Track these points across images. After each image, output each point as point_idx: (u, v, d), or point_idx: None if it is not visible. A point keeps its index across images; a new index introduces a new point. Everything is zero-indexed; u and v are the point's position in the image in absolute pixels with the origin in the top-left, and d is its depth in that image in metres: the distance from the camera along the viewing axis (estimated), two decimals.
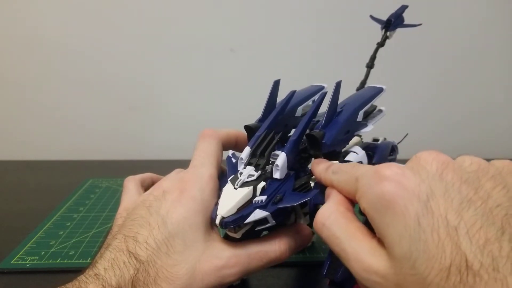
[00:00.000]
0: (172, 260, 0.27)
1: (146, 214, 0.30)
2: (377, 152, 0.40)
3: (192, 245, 0.28)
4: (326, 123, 0.32)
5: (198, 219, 0.29)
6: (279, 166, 0.29)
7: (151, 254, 0.27)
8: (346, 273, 0.32)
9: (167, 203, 0.30)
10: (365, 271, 0.21)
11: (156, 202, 0.30)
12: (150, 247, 0.27)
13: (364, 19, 0.50)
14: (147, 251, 0.27)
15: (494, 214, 0.19)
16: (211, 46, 0.85)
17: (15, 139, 0.88)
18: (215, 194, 0.31)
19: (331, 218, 0.24)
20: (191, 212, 0.29)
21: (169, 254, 0.27)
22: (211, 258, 0.28)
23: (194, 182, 0.31)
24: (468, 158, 0.23)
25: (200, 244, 0.28)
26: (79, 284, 0.26)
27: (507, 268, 0.17)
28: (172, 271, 0.27)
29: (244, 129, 0.35)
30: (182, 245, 0.28)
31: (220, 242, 0.29)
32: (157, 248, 0.27)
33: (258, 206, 0.27)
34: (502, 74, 0.91)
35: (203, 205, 0.30)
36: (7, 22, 0.81)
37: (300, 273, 0.43)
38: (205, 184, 0.31)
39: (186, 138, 0.37)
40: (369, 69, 0.45)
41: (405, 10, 0.47)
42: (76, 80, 0.85)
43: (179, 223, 0.28)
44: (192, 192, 0.30)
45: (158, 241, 0.28)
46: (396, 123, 0.64)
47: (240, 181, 0.28)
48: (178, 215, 0.29)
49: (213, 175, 0.32)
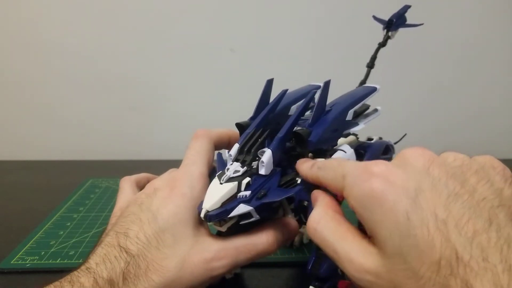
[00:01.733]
0: (162, 253, 0.28)
1: (137, 211, 0.31)
2: (369, 151, 0.40)
3: (182, 239, 0.29)
4: (313, 122, 0.33)
5: (188, 215, 0.30)
6: (265, 163, 0.30)
7: (141, 248, 0.28)
8: (330, 269, 0.33)
9: (158, 200, 0.31)
10: (357, 271, 0.21)
11: (148, 199, 0.32)
12: (141, 241, 0.28)
13: (364, 19, 0.50)
14: (138, 245, 0.28)
15: (480, 206, 0.20)
16: (211, 46, 0.85)
17: (15, 139, 0.88)
18: (205, 191, 0.31)
19: (321, 222, 0.25)
20: (181, 208, 0.30)
21: (159, 248, 0.28)
22: (200, 251, 0.29)
23: (185, 180, 0.32)
24: (451, 154, 0.23)
25: (190, 239, 0.29)
26: (71, 277, 0.27)
27: (496, 258, 0.18)
28: (162, 264, 0.28)
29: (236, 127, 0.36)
30: (172, 239, 0.29)
31: (209, 236, 0.30)
32: (147, 242, 0.28)
33: (242, 200, 0.28)
34: (503, 74, 0.91)
35: (193, 202, 0.31)
36: (7, 22, 0.81)
37: (300, 273, 0.43)
38: (195, 181, 0.32)
39: (186, 138, 0.38)
40: (369, 69, 0.46)
41: (407, 10, 0.47)
42: (76, 80, 0.85)
43: (169, 218, 0.29)
44: (182, 189, 0.31)
45: (148, 235, 0.29)
46: (396, 123, 0.64)
47: (226, 176, 0.29)
48: (168, 211, 0.30)
49: (204, 173, 0.33)
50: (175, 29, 0.84)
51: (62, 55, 0.83)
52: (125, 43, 0.84)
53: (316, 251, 0.34)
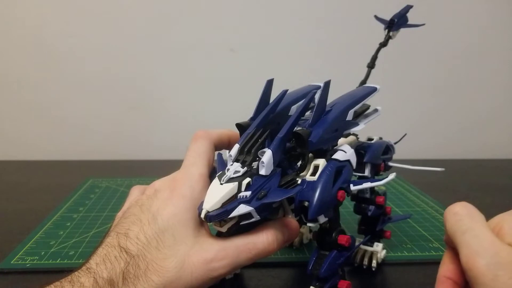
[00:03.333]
0: (162, 254, 0.28)
1: (138, 212, 0.31)
2: (369, 151, 0.40)
3: (182, 240, 0.29)
4: (313, 122, 0.33)
5: (188, 216, 0.30)
6: (265, 163, 0.29)
7: (141, 249, 0.28)
8: (330, 269, 0.33)
9: (158, 201, 0.31)
10: None
11: (148, 200, 0.32)
12: (141, 242, 0.29)
13: (365, 19, 0.50)
14: (138, 245, 0.28)
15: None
16: (211, 46, 0.85)
17: (15, 139, 0.88)
18: (205, 192, 0.31)
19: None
20: (181, 209, 0.30)
21: (159, 249, 0.28)
22: (200, 252, 0.29)
23: (185, 181, 0.32)
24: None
25: (190, 239, 0.29)
26: (71, 278, 0.27)
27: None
28: (162, 264, 0.28)
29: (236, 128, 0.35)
30: (172, 240, 0.29)
31: (209, 237, 0.30)
32: (147, 243, 0.28)
33: (242, 201, 0.28)
34: (504, 74, 0.91)
35: (193, 203, 0.31)
36: (7, 22, 0.81)
37: (300, 273, 0.43)
38: (195, 182, 0.32)
39: (186, 139, 0.38)
40: (370, 69, 0.45)
41: (409, 10, 0.47)
42: (77, 80, 0.85)
43: (169, 219, 0.30)
44: (183, 191, 0.31)
45: (148, 236, 0.29)
46: (396, 123, 0.64)
47: (226, 177, 0.29)
48: (168, 212, 0.30)
49: (204, 174, 0.33)
50: (174, 29, 0.84)
51: (62, 56, 0.83)
52: (125, 44, 0.84)
53: (316, 251, 0.34)
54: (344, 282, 0.34)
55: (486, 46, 0.89)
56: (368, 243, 0.44)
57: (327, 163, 0.33)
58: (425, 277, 0.42)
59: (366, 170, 0.40)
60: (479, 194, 0.68)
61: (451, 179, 0.74)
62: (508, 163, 0.88)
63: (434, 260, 0.44)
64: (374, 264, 0.43)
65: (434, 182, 0.71)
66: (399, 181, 0.72)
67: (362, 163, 0.40)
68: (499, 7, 0.87)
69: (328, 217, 0.33)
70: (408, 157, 0.54)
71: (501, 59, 0.90)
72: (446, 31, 0.87)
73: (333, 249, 0.34)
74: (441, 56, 0.89)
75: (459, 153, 0.90)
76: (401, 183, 0.72)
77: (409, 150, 0.56)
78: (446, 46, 0.88)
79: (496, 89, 0.92)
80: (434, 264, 0.29)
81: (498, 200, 0.65)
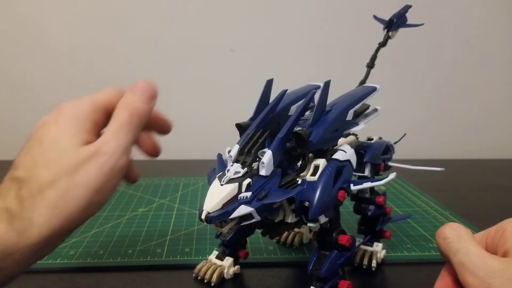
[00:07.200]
0: (51, 170, 0.29)
1: (26, 144, 0.33)
2: (369, 151, 0.40)
3: (67, 152, 0.30)
4: (313, 122, 0.33)
5: (71, 132, 0.31)
6: (265, 163, 0.30)
7: (29, 171, 0.29)
8: (331, 270, 0.33)
9: (44, 128, 0.32)
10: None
11: (36, 131, 0.33)
12: (27, 165, 0.30)
13: (364, 19, 0.50)
14: (23, 169, 0.30)
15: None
16: (211, 47, 0.85)
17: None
18: (92, 113, 0.33)
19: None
20: (65, 127, 0.31)
21: (47, 166, 0.29)
22: (87, 152, 0.30)
23: (70, 105, 0.33)
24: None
25: (74, 149, 0.30)
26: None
27: None
28: (53, 179, 0.29)
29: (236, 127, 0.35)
30: (57, 154, 0.30)
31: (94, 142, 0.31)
32: (34, 164, 0.30)
33: (243, 202, 0.28)
34: (505, 74, 0.91)
35: (76, 121, 0.32)
36: (7, 22, 0.81)
37: (300, 273, 0.43)
38: (81, 105, 0.33)
39: (185, 139, 0.38)
40: (369, 69, 0.46)
41: (408, 10, 0.47)
42: (76, 80, 0.85)
43: (53, 139, 0.31)
44: (67, 112, 0.33)
45: (34, 158, 0.30)
46: (396, 123, 0.64)
47: (226, 177, 0.29)
48: (52, 133, 0.31)
49: (93, 103, 0.35)
50: (175, 30, 0.84)
51: (63, 56, 0.83)
52: (125, 44, 0.84)
53: (317, 251, 0.34)
54: (345, 282, 0.34)
55: (486, 46, 0.89)
56: (368, 243, 0.44)
57: (327, 163, 0.33)
58: (425, 277, 0.42)
59: (366, 170, 0.40)
60: (479, 194, 0.67)
61: (451, 179, 0.74)
62: (508, 163, 0.88)
63: (434, 260, 0.44)
64: (374, 264, 0.43)
65: (434, 182, 0.71)
66: (399, 181, 0.72)
67: (362, 163, 0.40)
68: (499, 7, 0.87)
69: (329, 217, 0.33)
70: (408, 157, 0.54)
71: (501, 59, 0.90)
72: (445, 31, 0.87)
73: (334, 249, 0.34)
74: (440, 56, 0.89)
75: (459, 153, 0.90)
76: (401, 183, 0.72)
77: (409, 150, 0.56)
78: (446, 46, 0.88)
79: (496, 89, 0.92)
80: (434, 264, 0.29)
81: (498, 200, 0.65)
